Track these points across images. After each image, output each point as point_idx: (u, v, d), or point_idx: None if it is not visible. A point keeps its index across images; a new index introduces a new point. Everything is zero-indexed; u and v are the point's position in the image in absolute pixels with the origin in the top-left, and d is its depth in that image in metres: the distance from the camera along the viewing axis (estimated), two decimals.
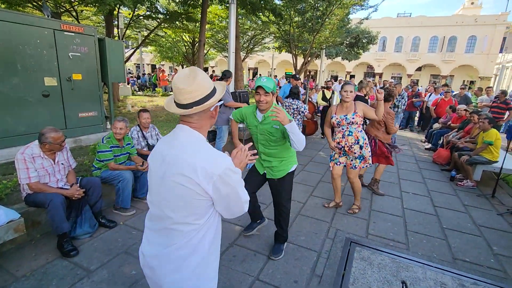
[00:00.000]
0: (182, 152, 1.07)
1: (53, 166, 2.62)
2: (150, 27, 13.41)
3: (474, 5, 39.10)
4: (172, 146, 1.11)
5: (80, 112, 4.58)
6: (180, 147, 1.09)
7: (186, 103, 1.08)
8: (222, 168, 1.05)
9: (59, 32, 4.09)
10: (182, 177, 1.03)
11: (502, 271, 2.61)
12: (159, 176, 1.12)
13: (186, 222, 1.09)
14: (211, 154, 1.08)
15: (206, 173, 1.03)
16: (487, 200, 4.21)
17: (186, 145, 1.09)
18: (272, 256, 2.59)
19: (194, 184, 1.03)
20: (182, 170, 1.03)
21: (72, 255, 2.44)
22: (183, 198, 1.06)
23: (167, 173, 1.08)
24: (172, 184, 1.06)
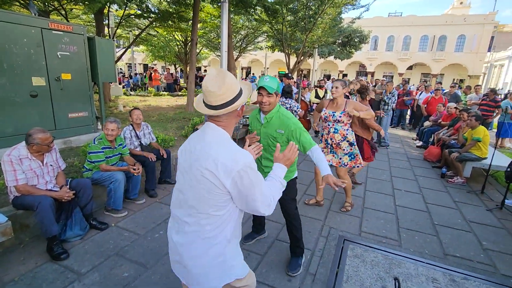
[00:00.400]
0: (207, 147, 1.17)
1: (41, 167, 2.57)
2: (142, 26, 13.25)
3: (463, 5, 39.78)
4: (199, 141, 1.22)
5: (70, 112, 4.49)
6: (207, 142, 1.19)
7: (216, 105, 1.17)
8: (241, 165, 1.11)
9: (47, 31, 4.00)
10: (205, 170, 1.12)
11: (492, 266, 2.66)
12: (186, 167, 1.23)
13: (208, 212, 1.18)
14: (232, 151, 1.15)
15: (226, 168, 1.11)
16: (477, 196, 4.28)
17: (212, 141, 1.18)
18: (290, 272, 2.35)
19: (215, 178, 1.12)
20: (206, 164, 1.13)
21: (62, 258, 2.39)
22: (205, 190, 1.15)
23: (193, 165, 1.18)
24: (197, 177, 1.15)
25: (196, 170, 1.16)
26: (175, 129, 5.95)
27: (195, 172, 1.16)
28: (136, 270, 2.33)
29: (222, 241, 1.23)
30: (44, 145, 2.48)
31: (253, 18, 12.70)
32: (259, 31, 15.39)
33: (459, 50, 32.14)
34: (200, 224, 1.20)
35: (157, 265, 2.39)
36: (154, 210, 3.36)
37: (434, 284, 2.36)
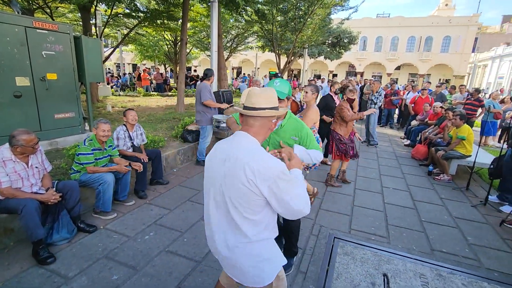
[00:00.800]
0: (243, 154, 1.21)
1: (26, 170, 2.50)
2: (130, 26, 13.05)
3: (448, 7, 40.83)
4: (233, 148, 1.26)
5: (56, 113, 4.38)
6: (242, 150, 1.23)
7: (258, 106, 1.28)
8: (277, 172, 1.17)
9: (31, 30, 3.89)
10: (243, 177, 1.17)
11: (476, 260, 2.74)
12: (221, 174, 1.27)
13: (245, 216, 1.24)
14: (266, 159, 1.20)
15: (263, 176, 1.16)
16: (462, 193, 4.40)
17: (246, 149, 1.23)
18: None
19: (252, 184, 1.17)
20: (243, 171, 1.17)
21: (49, 262, 2.34)
22: (243, 195, 1.20)
23: (230, 172, 1.22)
24: (234, 183, 1.20)
25: (233, 177, 1.20)
26: (165, 129, 5.89)
27: (233, 179, 1.21)
28: (125, 272, 2.30)
29: (261, 241, 1.30)
30: (28, 147, 2.42)
31: (243, 19, 12.72)
32: (250, 31, 15.39)
33: (445, 51, 32.95)
34: (239, 227, 1.26)
35: (147, 267, 2.36)
36: (144, 211, 3.32)
37: (422, 279, 2.41)
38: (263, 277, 1.32)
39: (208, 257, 2.55)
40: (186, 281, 2.24)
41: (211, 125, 4.90)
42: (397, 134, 8.84)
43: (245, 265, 1.30)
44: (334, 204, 3.77)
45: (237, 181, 1.19)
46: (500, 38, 36.20)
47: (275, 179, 1.16)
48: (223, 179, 1.25)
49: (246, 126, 1.32)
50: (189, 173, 4.62)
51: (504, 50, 29.32)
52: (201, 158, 5.02)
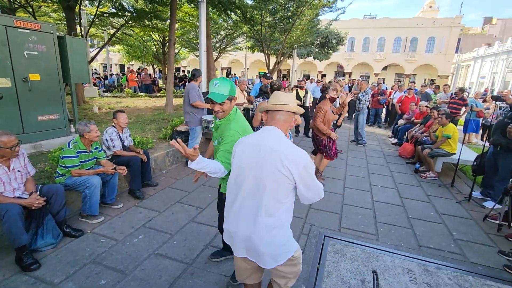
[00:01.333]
0: (277, 145, 1.40)
1: (7, 173, 2.42)
2: (117, 25, 12.82)
3: (432, 8, 41.92)
4: (266, 140, 1.43)
5: (40, 115, 4.25)
6: (275, 141, 1.42)
7: (285, 103, 1.49)
8: (306, 160, 1.39)
9: (12, 29, 3.76)
10: (279, 164, 1.36)
11: (461, 255, 2.82)
12: (253, 163, 1.42)
13: (278, 200, 1.41)
14: (296, 149, 1.42)
15: (295, 163, 1.37)
16: (447, 189, 4.52)
17: (278, 140, 1.43)
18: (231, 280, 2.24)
19: (287, 170, 1.36)
20: (279, 159, 1.36)
21: (33, 268, 2.26)
22: (277, 181, 1.38)
23: (264, 161, 1.39)
24: (270, 170, 1.37)
25: (269, 165, 1.38)
26: (153, 130, 5.81)
27: (268, 167, 1.38)
28: (114, 277, 2.25)
29: (285, 223, 1.48)
30: (6, 149, 2.32)
31: (232, 20, 12.69)
32: (239, 31, 15.37)
33: (430, 52, 33.81)
34: (270, 211, 1.41)
35: (136, 271, 2.32)
36: (132, 214, 3.26)
37: (410, 274, 2.46)
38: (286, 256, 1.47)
39: (198, 259, 2.52)
40: (177, 284, 2.21)
41: (200, 126, 4.86)
42: (385, 133, 9.00)
43: (266, 251, 1.42)
44: (324, 203, 3.80)
45: (274, 168, 1.37)
46: (482, 39, 37.45)
47: (304, 166, 1.38)
48: (258, 167, 1.41)
49: (273, 121, 1.51)
50: (178, 175, 4.57)
51: (486, 51, 30.34)
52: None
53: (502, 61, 27.08)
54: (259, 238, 1.41)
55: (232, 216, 1.52)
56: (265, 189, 1.39)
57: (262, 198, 1.41)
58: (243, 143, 1.53)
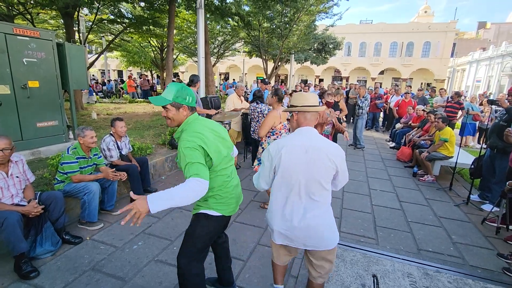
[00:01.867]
0: (321, 144, 1.65)
1: (5, 179, 2.41)
2: (115, 32, 12.89)
3: (427, 14, 42.52)
4: (311, 141, 1.65)
5: (38, 121, 4.25)
6: (318, 140, 1.66)
7: (316, 105, 1.74)
8: (343, 154, 1.69)
9: (11, 36, 3.78)
10: (326, 159, 1.61)
11: (461, 258, 2.83)
12: (303, 163, 1.62)
13: (324, 188, 1.65)
14: (334, 144, 1.70)
15: (338, 155, 1.65)
16: (445, 192, 4.55)
17: (320, 139, 1.68)
18: None
19: (332, 162, 1.62)
20: (326, 155, 1.61)
21: (32, 276, 2.25)
22: (325, 171, 1.63)
23: (313, 160, 1.61)
24: (320, 166, 1.62)
25: (321, 160, 1.61)
26: (152, 136, 5.82)
27: (320, 162, 1.61)
28: (113, 284, 2.24)
29: (330, 205, 1.73)
30: (3, 150, 2.31)
31: (229, 25, 12.80)
32: (236, 37, 15.50)
33: (425, 56, 34.17)
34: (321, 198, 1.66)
35: (136, 278, 2.31)
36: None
37: (410, 278, 2.47)
38: (335, 238, 1.71)
39: None
40: None
41: None
42: (383, 137, 9.05)
43: (325, 229, 1.67)
44: None
45: (322, 163, 1.61)
46: (476, 44, 37.90)
47: (342, 157, 1.67)
48: (307, 165, 1.62)
49: (306, 121, 1.72)
50: (177, 180, 4.57)
51: (481, 55, 30.70)
52: None
53: (497, 65, 27.39)
54: (320, 224, 1.65)
55: (287, 213, 1.68)
56: (315, 182, 1.62)
57: (313, 190, 1.63)
58: (288, 145, 1.66)
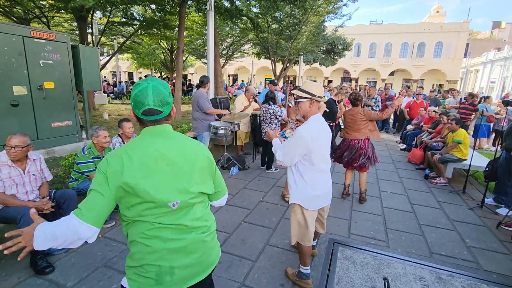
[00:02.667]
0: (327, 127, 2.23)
1: (21, 176, 2.48)
2: (126, 34, 13.13)
3: (439, 14, 41.77)
4: (324, 124, 2.19)
5: (53, 121, 4.38)
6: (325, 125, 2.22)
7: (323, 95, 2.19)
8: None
9: (28, 39, 3.92)
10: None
11: (475, 262, 2.76)
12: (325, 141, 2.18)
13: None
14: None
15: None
16: (459, 195, 4.44)
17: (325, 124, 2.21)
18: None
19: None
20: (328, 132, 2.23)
21: (47, 272, 2.31)
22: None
23: (327, 136, 2.19)
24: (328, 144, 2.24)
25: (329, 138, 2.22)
26: None
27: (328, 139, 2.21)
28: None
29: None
30: (15, 147, 2.38)
31: (238, 27, 12.87)
32: (245, 38, 15.56)
33: (437, 56, 33.54)
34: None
35: None
36: None
37: (422, 282, 2.42)
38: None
39: None
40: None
41: (208, 131, 4.91)
42: (393, 139, 8.92)
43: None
44: (332, 209, 3.78)
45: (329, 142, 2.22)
46: (491, 44, 36.99)
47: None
48: (327, 142, 2.19)
49: (318, 110, 2.20)
50: None
51: (495, 55, 29.95)
52: None
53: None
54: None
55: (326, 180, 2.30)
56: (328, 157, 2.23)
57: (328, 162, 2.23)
58: (315, 130, 2.09)
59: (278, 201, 3.91)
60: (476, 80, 34.78)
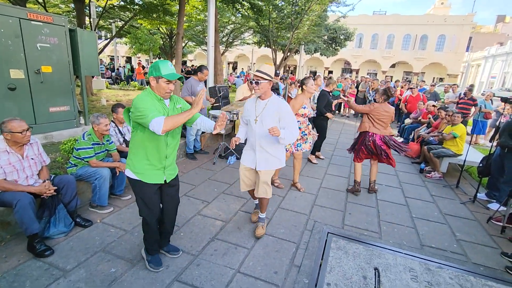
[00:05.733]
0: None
1: (21, 161, 2.49)
2: (124, 18, 12.85)
3: (444, 5, 41.11)
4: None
5: (51, 106, 4.35)
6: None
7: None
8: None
9: (25, 21, 3.84)
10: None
11: (464, 255, 2.85)
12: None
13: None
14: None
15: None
16: (452, 190, 4.52)
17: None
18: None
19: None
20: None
21: (47, 255, 2.35)
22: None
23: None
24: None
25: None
26: None
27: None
28: (123, 265, 2.33)
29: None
30: (17, 133, 2.38)
31: (240, 13, 12.63)
32: (246, 26, 15.30)
33: (440, 50, 33.26)
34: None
35: (145, 260, 2.40)
36: None
37: (411, 273, 2.50)
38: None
39: (204, 251, 2.60)
40: (183, 274, 2.29)
41: None
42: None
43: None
44: (328, 200, 3.85)
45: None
46: (494, 38, 36.70)
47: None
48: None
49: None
50: (184, 168, 4.65)
51: (497, 50, 29.73)
52: (189, 151, 5.05)
53: None
54: None
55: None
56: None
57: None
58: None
59: (274, 191, 3.96)
60: (477, 74, 34.63)
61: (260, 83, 2.50)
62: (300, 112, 3.89)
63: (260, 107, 2.63)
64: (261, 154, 2.69)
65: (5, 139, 2.40)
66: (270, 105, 2.60)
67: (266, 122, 2.59)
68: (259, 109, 2.63)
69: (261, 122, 2.61)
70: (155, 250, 2.36)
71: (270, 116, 2.59)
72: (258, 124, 2.62)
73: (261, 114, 2.61)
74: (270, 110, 2.59)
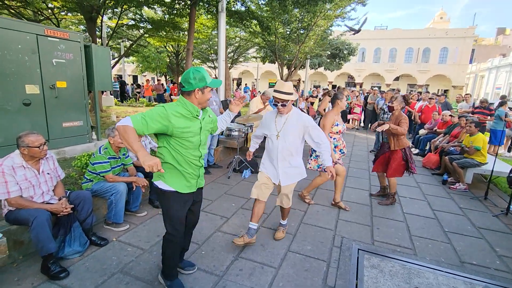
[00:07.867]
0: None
1: (37, 176, 2.37)
2: (133, 38, 13.14)
3: (443, 20, 41.80)
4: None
5: (64, 121, 4.29)
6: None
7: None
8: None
9: (42, 37, 3.85)
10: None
11: (510, 273, 2.61)
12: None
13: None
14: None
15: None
16: (480, 202, 4.28)
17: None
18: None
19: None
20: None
21: (62, 277, 2.18)
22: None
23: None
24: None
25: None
26: None
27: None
28: None
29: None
30: (35, 148, 2.28)
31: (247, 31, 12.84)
32: (252, 42, 15.55)
33: (443, 62, 33.41)
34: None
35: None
36: (157, 222, 3.18)
37: None
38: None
39: (229, 271, 2.40)
40: None
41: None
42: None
43: None
44: (352, 214, 3.64)
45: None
46: (496, 50, 36.86)
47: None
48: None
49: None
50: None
51: (501, 61, 29.77)
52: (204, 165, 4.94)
53: None
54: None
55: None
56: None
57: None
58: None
59: (295, 205, 3.77)
60: (482, 86, 34.56)
61: (287, 105, 2.49)
62: (334, 130, 3.56)
63: (281, 122, 2.57)
64: (283, 168, 2.61)
65: (22, 154, 2.30)
66: (291, 119, 2.55)
67: (288, 138, 2.53)
68: (280, 124, 2.57)
69: (283, 137, 2.54)
70: (174, 275, 2.14)
71: (292, 131, 2.52)
72: (281, 140, 2.55)
73: (282, 129, 2.55)
74: (292, 125, 2.53)
